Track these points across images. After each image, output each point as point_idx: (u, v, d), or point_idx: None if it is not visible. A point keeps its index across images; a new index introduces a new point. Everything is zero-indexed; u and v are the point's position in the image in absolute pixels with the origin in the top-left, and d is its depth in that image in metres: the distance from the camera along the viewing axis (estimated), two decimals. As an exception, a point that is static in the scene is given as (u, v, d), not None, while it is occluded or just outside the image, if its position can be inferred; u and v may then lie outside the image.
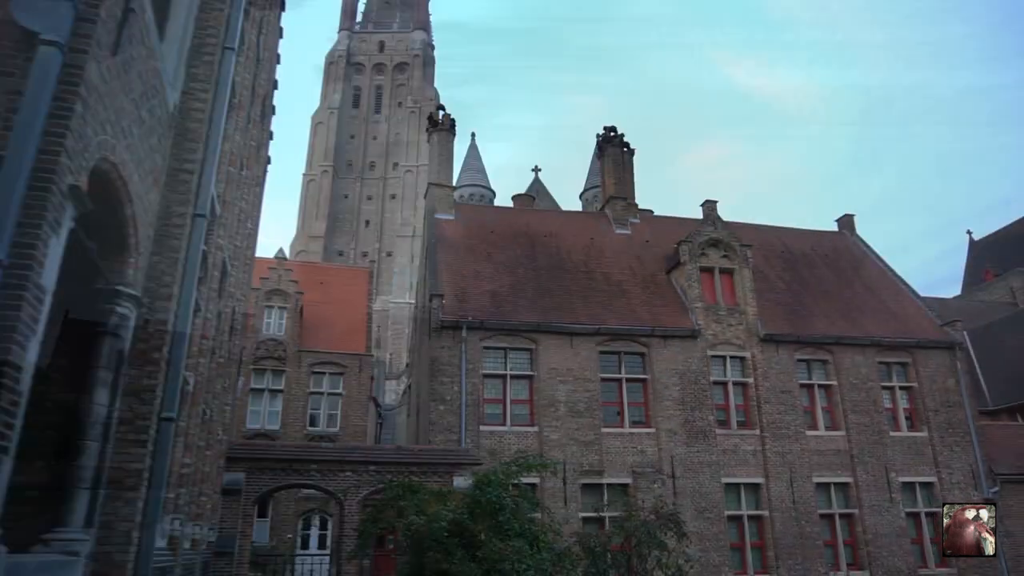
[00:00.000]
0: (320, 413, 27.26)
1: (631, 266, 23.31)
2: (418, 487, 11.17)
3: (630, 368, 20.54)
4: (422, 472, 15.10)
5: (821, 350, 22.10)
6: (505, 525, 9.77)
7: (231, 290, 11.35)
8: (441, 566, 9.12)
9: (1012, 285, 47.00)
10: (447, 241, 22.53)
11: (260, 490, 14.84)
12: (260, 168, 14.94)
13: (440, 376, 18.83)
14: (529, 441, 18.84)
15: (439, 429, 18.34)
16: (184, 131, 6.01)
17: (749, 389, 21.11)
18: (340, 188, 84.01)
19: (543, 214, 27.28)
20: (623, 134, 26.67)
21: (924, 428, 22.05)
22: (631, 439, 19.67)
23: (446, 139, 24.96)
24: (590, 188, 63.20)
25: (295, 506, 25.78)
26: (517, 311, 20.29)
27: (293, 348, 27.02)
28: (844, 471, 20.91)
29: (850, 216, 28.94)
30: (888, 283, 25.88)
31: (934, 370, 22.75)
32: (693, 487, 19.44)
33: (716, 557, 18.92)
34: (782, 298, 23.44)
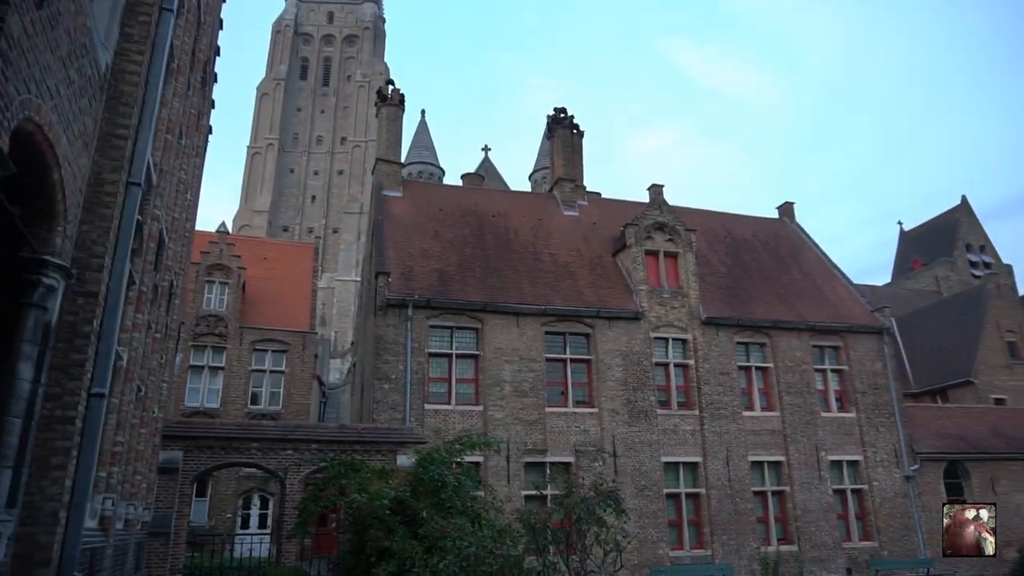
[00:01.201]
0: (262, 391, 26.77)
1: (578, 248, 23.50)
2: (360, 465, 11.10)
3: (575, 349, 20.78)
4: (365, 450, 15.02)
5: (759, 333, 22.78)
6: (447, 503, 9.81)
7: (168, 263, 10.98)
8: (382, 544, 9.10)
9: (937, 274, 49.33)
10: (394, 218, 22.27)
11: (198, 469, 14.51)
12: (201, 138, 14.42)
13: (385, 354, 18.69)
14: (474, 420, 18.92)
15: (383, 407, 18.24)
16: (117, 94, 5.75)
17: (690, 371, 21.64)
18: (286, 162, 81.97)
19: (492, 194, 27.21)
20: (573, 116, 26.75)
21: (852, 409, 23.03)
22: (574, 419, 19.96)
23: (395, 115, 24.57)
24: (540, 169, 63.18)
25: (235, 485, 25.34)
26: (464, 290, 20.25)
27: (235, 324, 26.39)
28: (777, 450, 21.70)
29: (790, 204, 29.79)
30: (824, 270, 26.78)
31: (863, 354, 23.74)
32: (634, 466, 19.88)
33: (654, 533, 19.45)
34: (723, 282, 24.02)
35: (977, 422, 25.52)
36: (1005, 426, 25.60)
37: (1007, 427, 25.55)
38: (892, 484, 22.44)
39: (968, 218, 52.84)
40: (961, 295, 38.01)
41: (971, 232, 52.22)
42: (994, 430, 25.14)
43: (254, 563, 15.28)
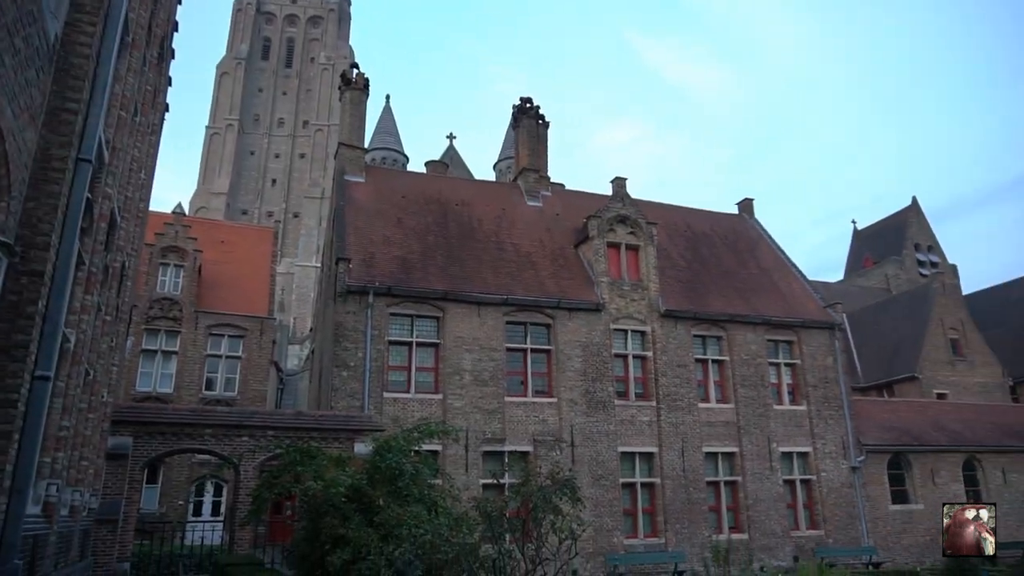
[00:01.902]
0: (217, 377, 26.27)
1: (541, 238, 23.56)
2: (317, 452, 10.98)
3: (535, 339, 20.88)
4: (323, 438, 14.89)
5: (716, 327, 23.19)
6: (404, 490, 9.78)
7: (120, 244, 10.67)
8: (337, 531, 9.03)
9: (887, 272, 50.85)
10: (356, 204, 22.02)
11: (149, 455, 14.21)
12: (157, 115, 14.02)
13: (344, 341, 18.51)
14: (433, 408, 18.90)
15: (342, 395, 18.09)
16: (67, 67, 5.54)
17: (648, 362, 21.93)
18: (246, 144, 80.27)
19: (456, 182, 27.09)
20: (539, 106, 26.74)
21: (804, 402, 23.64)
22: (533, 408, 20.07)
23: (359, 99, 24.24)
24: (504, 159, 63.08)
25: (188, 472, 24.88)
26: (426, 278, 20.16)
27: (189, 308, 25.82)
28: (731, 441, 22.17)
29: (750, 200, 30.31)
30: (780, 265, 27.36)
31: (815, 348, 24.36)
32: (591, 455, 20.11)
33: (609, 522, 19.72)
34: (683, 276, 24.36)
35: (920, 416, 26.45)
36: (946, 420, 26.58)
37: (947, 421, 26.54)
38: (839, 475, 23.13)
39: (918, 218, 54.50)
40: (908, 293, 39.24)
41: (920, 232, 53.88)
42: (935, 423, 26.09)
43: (206, 551, 15.05)
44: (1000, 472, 25.57)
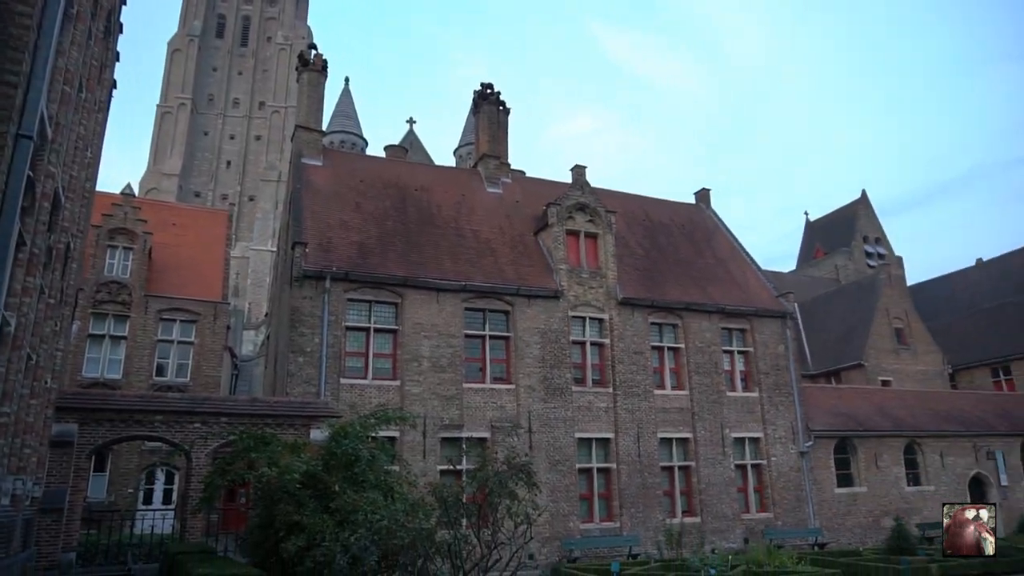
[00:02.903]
0: (168, 363, 25.63)
1: (500, 225, 23.55)
2: (271, 439, 10.83)
3: (494, 326, 20.91)
4: (278, 424, 14.71)
5: (672, 315, 23.54)
6: (360, 477, 9.73)
7: (65, 224, 10.31)
8: (292, 518, 8.95)
9: (837, 263, 52.27)
10: (314, 187, 21.67)
11: (96, 442, 13.84)
12: (104, 92, 13.54)
13: (300, 327, 18.27)
14: (391, 395, 18.81)
15: (298, 381, 17.87)
16: (6, 37, 5.31)
17: (605, 349, 22.17)
18: (199, 124, 78.12)
19: (415, 167, 26.84)
20: (500, 93, 26.63)
21: (756, 389, 24.21)
22: (491, 395, 20.13)
23: (317, 80, 23.79)
24: (465, 144, 62.76)
25: (138, 459, 24.27)
26: (384, 264, 19.99)
27: (139, 292, 25.09)
28: (685, 427, 22.60)
29: (707, 191, 30.76)
30: (735, 255, 27.88)
31: (768, 336, 24.94)
32: (548, 441, 20.29)
33: (566, 507, 19.96)
34: (640, 264, 24.64)
35: (865, 402, 27.35)
36: (889, 406, 27.56)
37: (891, 407, 27.52)
38: (788, 459, 23.80)
39: (866, 211, 56.05)
40: (856, 283, 40.40)
41: (868, 225, 55.44)
42: (880, 409, 27.02)
43: (156, 540, 14.74)
44: (939, 456, 26.66)
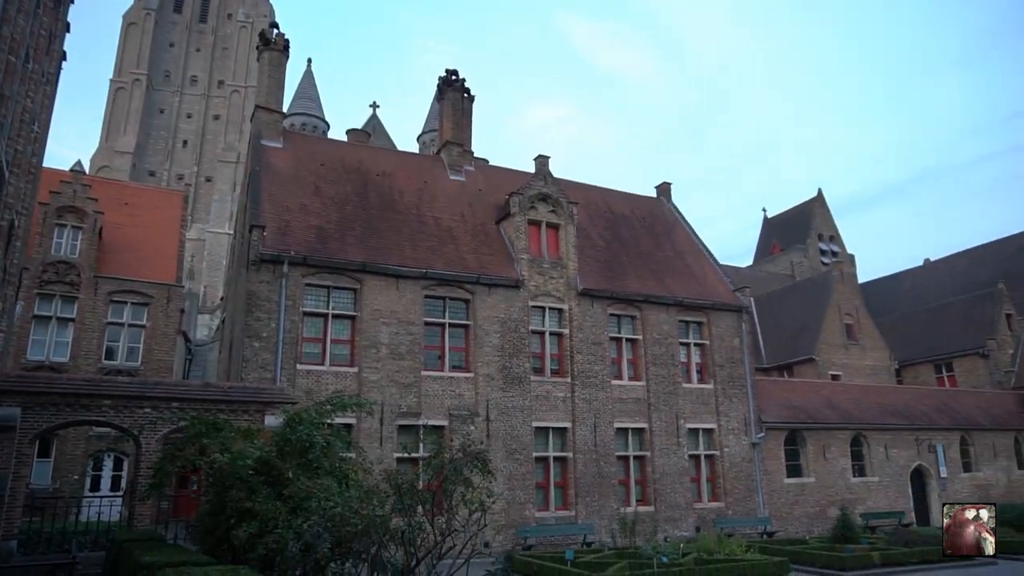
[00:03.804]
0: (119, 346, 24.95)
1: (462, 213, 23.46)
2: (224, 424, 10.63)
3: (454, 314, 20.87)
4: (232, 410, 14.42)
5: (631, 306, 23.80)
6: (315, 463, 9.63)
7: (9, 201, 9.94)
8: (244, 505, 8.81)
9: (792, 259, 53.50)
10: (273, 170, 21.27)
11: (40, 427, 13.38)
12: (52, 64, 13.05)
13: (257, 311, 17.97)
14: (348, 382, 18.65)
15: (253, 367, 17.59)
16: (-55, 4, 5.07)
17: (564, 339, 22.32)
18: (155, 101, 75.91)
19: (378, 152, 26.52)
20: (464, 80, 26.46)
21: (711, 381, 24.66)
22: (450, 383, 20.12)
23: (278, 61, 23.32)
24: (428, 131, 62.33)
25: (85, 445, 23.63)
26: (343, 249, 19.76)
27: (88, 273, 24.35)
28: (641, 418, 22.92)
29: (668, 184, 31.10)
30: (694, 249, 28.28)
31: (724, 329, 25.40)
32: (506, 430, 20.37)
33: (522, 495, 20.10)
34: (601, 255, 24.83)
35: (815, 395, 28.12)
36: (838, 399, 28.37)
37: (839, 400, 28.34)
38: (740, 450, 24.34)
39: (822, 210, 57.42)
40: (810, 280, 41.42)
41: (823, 223, 56.83)
42: (829, 403, 27.80)
43: (102, 527, 14.38)
44: (883, 448, 27.57)
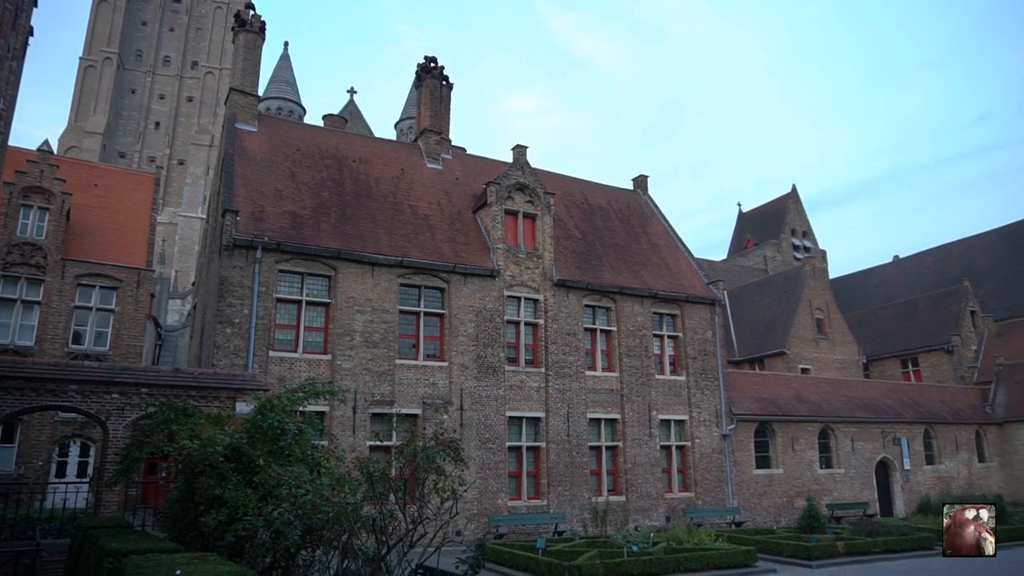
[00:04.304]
0: (86, 330, 24.49)
1: (439, 201, 23.37)
2: (194, 411, 10.49)
3: (429, 302, 20.82)
4: (202, 396, 14.27)
5: (606, 298, 23.94)
6: (286, 450, 9.55)
7: (-28, 179, 9.68)
8: (213, 492, 8.72)
9: (766, 254, 54.11)
10: (247, 154, 20.98)
11: (4, 412, 13.13)
12: (18, 39, 12.69)
13: (229, 297, 17.76)
14: (321, 369, 18.54)
15: (225, 353, 17.40)
16: (-95, -26, 4.89)
17: (539, 330, 22.38)
18: (126, 81, 74.28)
19: (354, 138, 26.24)
20: (443, 67, 26.29)
21: (683, 373, 24.93)
22: (424, 371, 20.09)
23: (254, 43, 22.96)
24: (406, 118, 61.90)
25: (50, 430, 23.19)
26: (318, 236, 19.58)
27: (55, 255, 23.83)
28: (614, 408, 23.11)
29: (645, 177, 31.25)
30: (669, 242, 28.49)
31: (697, 322, 25.67)
32: (479, 419, 20.41)
33: (494, 484, 20.18)
34: (577, 246, 24.92)
35: (785, 388, 28.56)
36: (807, 392, 28.86)
37: (808, 393, 28.83)
38: (711, 441, 24.67)
39: (796, 205, 58.10)
40: (783, 274, 41.91)
41: (797, 218, 57.52)
42: (798, 396, 28.26)
43: (68, 514, 14.16)
44: (849, 441, 28.13)
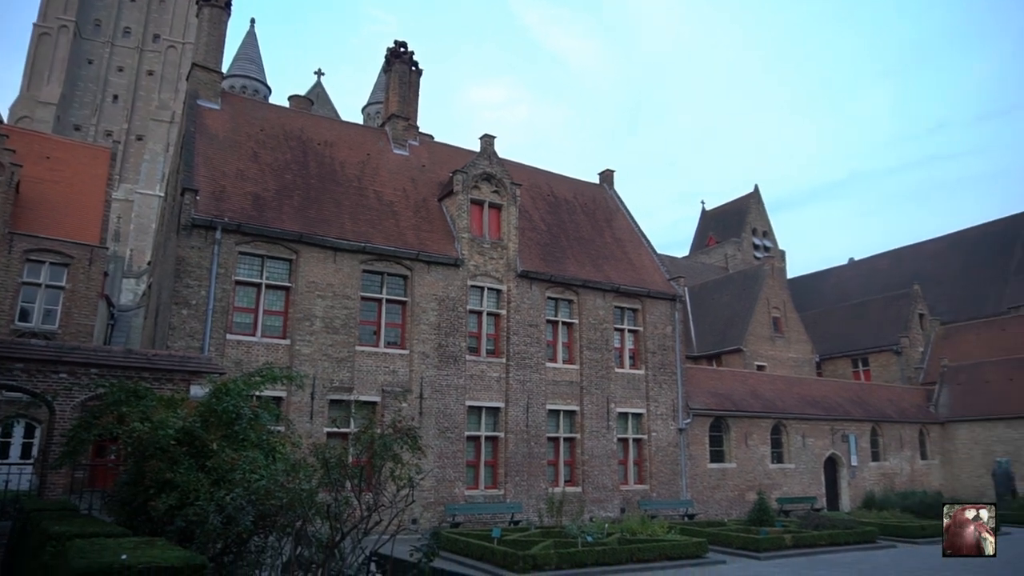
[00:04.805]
0: (34, 307, 23.71)
1: (405, 188, 23.19)
2: (146, 393, 10.26)
3: (391, 289, 20.68)
4: (155, 378, 13.95)
5: (569, 290, 24.07)
6: (241, 435, 9.40)
7: (-86, 146, 9.26)
8: (164, 475, 8.56)
9: (727, 252, 55.01)
10: (209, 132, 20.51)
11: (-57, 388, 12.67)
12: (-32, 3, 12.16)
13: (186, 278, 17.39)
14: (280, 354, 18.29)
15: (180, 335, 17.05)
16: None
17: (501, 320, 22.42)
18: (83, 51, 71.83)
19: (320, 120, 25.83)
20: (413, 52, 26.03)
21: (643, 367, 25.24)
22: (384, 359, 19.97)
23: (219, 18, 22.41)
24: (374, 103, 61.15)
25: (-7, 410, 22.46)
26: (280, 218, 19.27)
27: (2, 229, 22.99)
28: (573, 400, 23.30)
29: (611, 172, 31.45)
30: (633, 237, 28.75)
31: (657, 317, 25.99)
32: (439, 408, 20.39)
33: (452, 473, 20.20)
34: (542, 238, 24.98)
35: (741, 385, 29.14)
36: (761, 389, 29.49)
37: (763, 390, 29.46)
38: (667, 435, 25.05)
39: (757, 205, 59.13)
40: (743, 273, 42.67)
41: (758, 218, 58.56)
42: (753, 392, 28.86)
43: (10, 496, 13.75)
44: (801, 437, 28.85)
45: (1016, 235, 44.22)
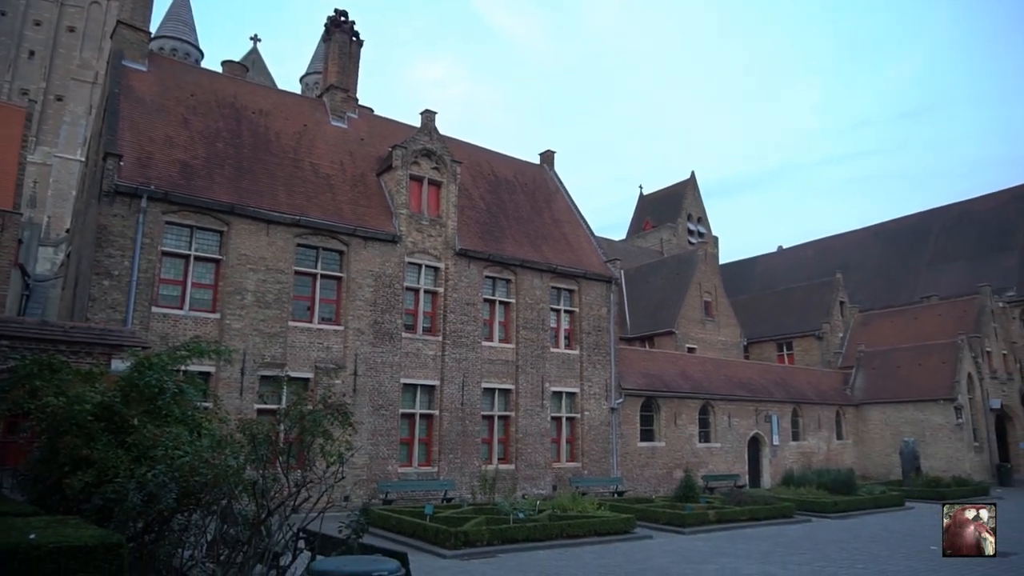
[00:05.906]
0: (-61, 274, 22.27)
1: (342, 161, 22.71)
2: (61, 366, 9.80)
3: (327, 264, 20.31)
4: (73, 352, 13.34)
5: (507, 270, 24.14)
6: (164, 410, 9.10)
7: None
8: (80, 452, 8.22)
9: (662, 237, 56.18)
10: (135, 95, 19.55)
11: None
12: None
13: (108, 247, 16.63)
14: (209, 328, 17.76)
15: (101, 306, 16.33)
16: None
17: (438, 298, 22.33)
18: (-5, 1, 67.09)
19: (255, 88, 24.92)
20: (354, 22, 25.36)
21: (577, 347, 25.60)
22: (318, 335, 19.64)
23: (147, -26, 21.25)
24: (312, 73, 59.50)
25: None
26: (211, 188, 18.60)
27: (-97, 190, 21.43)
28: (509, 379, 23.47)
29: (552, 153, 31.55)
30: (572, 218, 28.99)
31: (593, 298, 26.37)
32: (373, 385, 20.22)
33: (386, 450, 20.11)
34: (481, 217, 24.92)
35: (672, 366, 29.93)
36: (691, 371, 30.37)
37: (692, 371, 30.34)
38: (600, 414, 25.55)
39: (693, 192, 60.48)
40: (677, 257, 43.70)
41: (693, 204, 59.93)
42: (683, 373, 29.69)
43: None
44: (727, 417, 29.90)
45: (930, 229, 46.68)
